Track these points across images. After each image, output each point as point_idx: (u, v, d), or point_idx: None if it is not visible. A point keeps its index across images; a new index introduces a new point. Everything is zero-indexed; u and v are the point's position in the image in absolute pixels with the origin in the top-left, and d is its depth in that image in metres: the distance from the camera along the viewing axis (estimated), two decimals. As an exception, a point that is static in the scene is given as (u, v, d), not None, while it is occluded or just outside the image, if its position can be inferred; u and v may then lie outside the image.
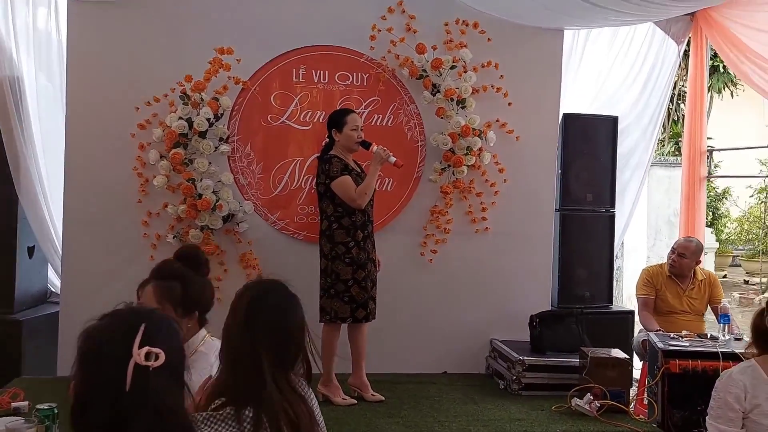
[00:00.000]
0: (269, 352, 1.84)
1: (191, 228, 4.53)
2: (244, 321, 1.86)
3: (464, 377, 4.77)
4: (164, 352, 1.36)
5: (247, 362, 1.81)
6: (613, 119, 5.38)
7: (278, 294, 1.94)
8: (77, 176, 4.56)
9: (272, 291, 1.94)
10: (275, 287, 1.95)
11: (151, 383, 1.34)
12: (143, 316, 1.41)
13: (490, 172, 4.89)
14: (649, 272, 4.97)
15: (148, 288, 2.52)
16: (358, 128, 4.20)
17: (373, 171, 4.15)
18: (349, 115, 4.23)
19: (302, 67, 4.73)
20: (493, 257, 4.95)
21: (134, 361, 1.33)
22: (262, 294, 1.92)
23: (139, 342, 1.35)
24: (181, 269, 2.58)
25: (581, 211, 5.30)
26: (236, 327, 1.85)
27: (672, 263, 4.86)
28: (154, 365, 1.35)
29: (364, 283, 4.13)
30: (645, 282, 4.91)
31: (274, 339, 1.86)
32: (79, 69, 4.54)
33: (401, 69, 4.75)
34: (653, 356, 4.02)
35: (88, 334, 1.39)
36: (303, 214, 4.74)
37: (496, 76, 4.85)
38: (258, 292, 1.93)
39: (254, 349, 1.83)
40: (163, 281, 2.52)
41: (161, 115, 4.55)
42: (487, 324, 4.93)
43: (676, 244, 4.96)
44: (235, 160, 4.68)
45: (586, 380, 4.03)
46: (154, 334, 1.38)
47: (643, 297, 4.89)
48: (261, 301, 1.90)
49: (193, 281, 2.58)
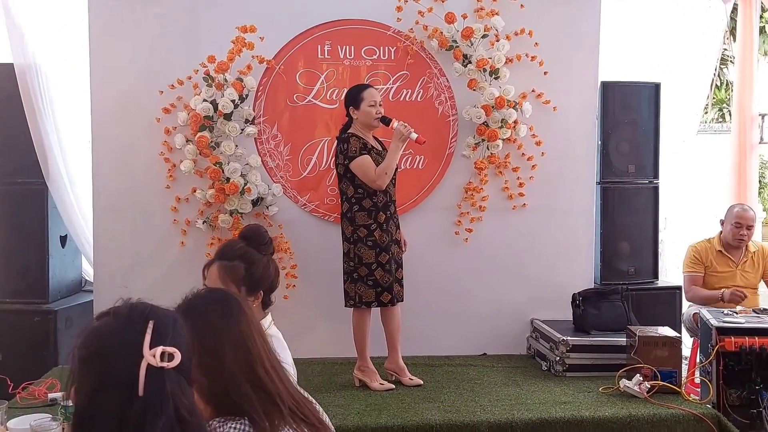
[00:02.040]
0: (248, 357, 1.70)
1: (220, 213, 4.44)
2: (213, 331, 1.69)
3: (505, 359, 4.62)
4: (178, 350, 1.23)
5: (238, 374, 1.65)
6: (655, 86, 5.12)
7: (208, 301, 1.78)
8: (105, 163, 4.51)
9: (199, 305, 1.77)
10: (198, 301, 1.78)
11: (168, 386, 1.21)
12: (149, 312, 1.27)
13: (527, 145, 4.69)
14: (697, 249, 4.73)
15: (212, 268, 2.51)
16: (377, 104, 4.01)
17: (394, 149, 3.97)
18: (366, 90, 4.04)
19: (327, 44, 4.57)
20: (531, 234, 4.76)
21: (146, 362, 1.20)
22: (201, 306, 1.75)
23: (150, 341, 1.22)
24: (245, 248, 2.55)
25: (623, 183, 5.08)
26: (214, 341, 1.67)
27: (740, 238, 4.61)
28: (169, 365, 1.22)
29: (389, 266, 3.99)
30: (693, 259, 4.68)
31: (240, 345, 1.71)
32: (101, 54, 4.46)
33: (430, 40, 4.56)
34: (706, 333, 3.81)
35: (90, 335, 1.25)
36: (333, 196, 4.59)
37: (530, 44, 4.62)
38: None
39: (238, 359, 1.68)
40: (227, 261, 2.48)
41: (186, 98, 4.44)
42: (527, 303, 4.76)
43: (738, 216, 4.69)
44: (262, 142, 4.55)
45: (635, 360, 3.85)
46: (164, 331, 1.25)
47: (691, 274, 4.67)
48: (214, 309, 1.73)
49: (256, 260, 2.57)
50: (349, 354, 4.20)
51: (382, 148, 4.10)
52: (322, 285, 4.58)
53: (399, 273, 4.10)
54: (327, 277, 4.54)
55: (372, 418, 3.55)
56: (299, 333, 4.62)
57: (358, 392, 3.97)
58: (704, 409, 3.59)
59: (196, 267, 4.42)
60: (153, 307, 1.29)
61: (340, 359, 4.44)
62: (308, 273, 4.60)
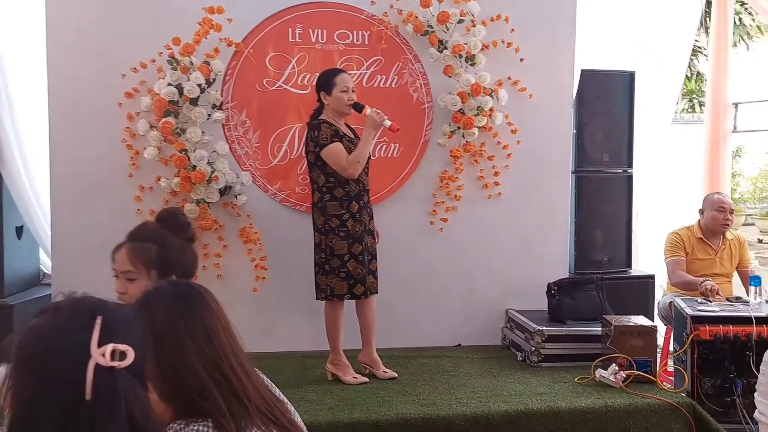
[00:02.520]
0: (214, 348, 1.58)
1: (186, 202, 4.28)
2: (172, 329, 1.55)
3: (480, 350, 4.55)
4: (130, 348, 1.11)
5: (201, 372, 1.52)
6: (629, 74, 5.08)
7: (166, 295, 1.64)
8: (62, 151, 4.30)
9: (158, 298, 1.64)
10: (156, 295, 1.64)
11: (119, 387, 1.09)
12: (97, 306, 1.14)
13: (503, 133, 4.61)
14: (678, 235, 4.72)
15: (121, 250, 2.31)
16: (349, 89, 3.88)
17: (367, 136, 3.84)
18: (339, 75, 3.91)
19: (299, 27, 4.43)
20: (507, 224, 4.69)
21: (95, 362, 1.08)
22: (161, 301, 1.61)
23: (98, 338, 1.09)
24: (158, 230, 2.36)
25: (597, 172, 5.04)
26: (169, 339, 1.54)
27: (725, 222, 4.60)
28: (121, 365, 1.10)
29: (362, 258, 3.88)
30: (675, 244, 4.66)
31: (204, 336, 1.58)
32: (59, 34, 4.24)
33: (405, 25, 4.44)
34: (680, 322, 3.78)
35: (29, 334, 1.12)
36: (304, 185, 4.46)
37: (506, 30, 4.54)
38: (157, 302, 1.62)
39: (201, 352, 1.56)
40: (138, 243, 2.30)
41: (149, 83, 4.26)
42: (502, 293, 4.70)
43: (720, 201, 4.68)
44: (230, 128, 4.40)
45: (611, 350, 3.81)
46: (114, 327, 1.12)
47: (675, 258, 4.65)
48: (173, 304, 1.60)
49: (170, 243, 2.36)
50: (321, 347, 4.09)
51: (354, 136, 3.98)
52: (293, 277, 4.46)
53: (373, 264, 4.00)
54: (298, 269, 4.42)
55: (345, 413, 3.45)
56: (269, 326, 4.52)
57: (331, 386, 3.86)
58: (679, 398, 3.57)
59: (162, 258, 4.38)
60: (101, 301, 1.16)
61: (313, 353, 4.33)
62: (278, 265, 4.48)
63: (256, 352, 4.32)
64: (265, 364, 4.10)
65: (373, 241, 4.02)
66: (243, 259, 4.44)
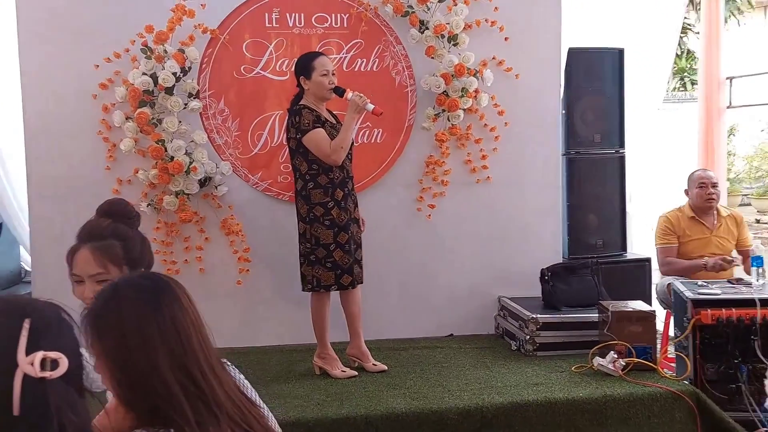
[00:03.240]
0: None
1: (165, 194, 4.13)
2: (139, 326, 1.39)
3: (472, 339, 4.42)
4: (64, 355, 0.97)
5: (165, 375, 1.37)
6: (619, 52, 4.93)
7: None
8: (38, 145, 4.16)
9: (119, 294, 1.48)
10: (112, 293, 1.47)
11: (52, 400, 0.95)
12: (25, 307, 1.00)
13: (489, 115, 4.47)
14: (668, 218, 4.58)
15: (81, 253, 2.11)
16: (330, 73, 3.73)
17: (349, 121, 3.70)
18: (318, 58, 3.76)
19: (275, 11, 4.27)
20: (496, 209, 4.55)
21: (22, 372, 0.94)
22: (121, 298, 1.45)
23: (26, 345, 0.95)
24: (114, 226, 2.18)
25: (589, 153, 4.90)
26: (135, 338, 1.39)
27: (709, 197, 4.47)
28: (53, 375, 0.95)
29: (348, 247, 3.74)
30: (665, 230, 4.52)
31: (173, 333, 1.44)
32: (30, 24, 4.09)
33: (384, 6, 4.29)
34: (680, 306, 3.65)
35: None
36: (287, 173, 4.31)
37: (489, 8, 4.39)
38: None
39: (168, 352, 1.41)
40: (98, 241, 2.12)
41: (124, 72, 4.11)
42: (494, 281, 4.56)
43: (699, 177, 4.56)
44: (208, 117, 4.25)
45: (608, 337, 3.68)
46: (45, 331, 0.98)
47: (665, 245, 4.51)
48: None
49: (129, 236, 2.19)
50: (308, 340, 3.96)
51: (336, 121, 3.84)
52: (277, 268, 4.33)
53: (359, 253, 3.87)
54: (283, 260, 4.29)
55: (333, 408, 3.32)
56: (255, 320, 4.39)
57: (319, 381, 3.73)
58: (682, 385, 3.44)
59: (142, 254, 4.23)
60: (31, 301, 1.02)
61: (300, 346, 4.19)
62: (262, 256, 4.34)
63: (242, 346, 4.26)
64: (251, 359, 4.08)
65: (359, 229, 3.90)
66: (226, 252, 4.30)
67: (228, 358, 4.29)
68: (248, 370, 3.83)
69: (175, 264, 4.24)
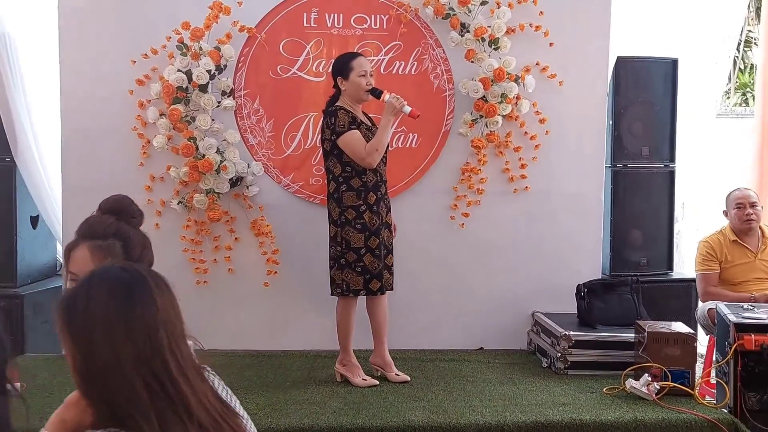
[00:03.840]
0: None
1: (197, 192, 4.12)
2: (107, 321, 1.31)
3: (503, 354, 4.26)
4: None
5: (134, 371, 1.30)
6: (672, 62, 4.71)
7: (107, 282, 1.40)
8: (74, 140, 4.21)
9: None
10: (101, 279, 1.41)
11: None
12: None
13: (530, 123, 4.31)
14: (709, 243, 4.28)
15: (78, 251, 2.03)
16: (367, 74, 3.66)
17: (385, 124, 3.62)
18: (356, 59, 3.69)
19: (314, 11, 4.22)
20: (534, 220, 4.39)
21: None
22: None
23: None
24: (116, 224, 2.11)
25: (636, 166, 4.68)
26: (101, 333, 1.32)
27: (748, 218, 4.18)
28: None
29: (378, 252, 3.65)
30: (706, 255, 4.23)
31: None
32: (71, 19, 4.15)
33: (425, 8, 4.19)
34: (723, 330, 3.43)
35: None
36: (319, 176, 4.26)
37: (534, 12, 4.24)
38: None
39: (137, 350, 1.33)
40: (101, 240, 2.05)
41: (161, 69, 4.12)
42: (529, 295, 4.39)
43: (737, 198, 4.28)
44: (242, 117, 4.23)
45: (643, 358, 3.48)
46: None
47: (705, 272, 4.22)
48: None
49: (132, 236, 2.12)
50: (333, 347, 3.87)
51: (372, 124, 3.76)
52: (306, 272, 4.27)
53: (389, 259, 3.77)
54: (311, 264, 4.23)
55: (348, 418, 3.22)
56: (280, 323, 4.33)
57: (338, 388, 3.64)
58: (719, 414, 3.21)
59: (172, 250, 4.22)
60: None
61: (324, 352, 4.11)
62: (291, 259, 4.28)
63: (266, 349, 4.20)
64: (274, 363, 4.02)
65: (390, 234, 3.80)
66: (255, 253, 4.26)
67: (251, 361, 4.26)
68: (269, 374, 3.83)
69: (204, 263, 4.22)
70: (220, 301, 4.27)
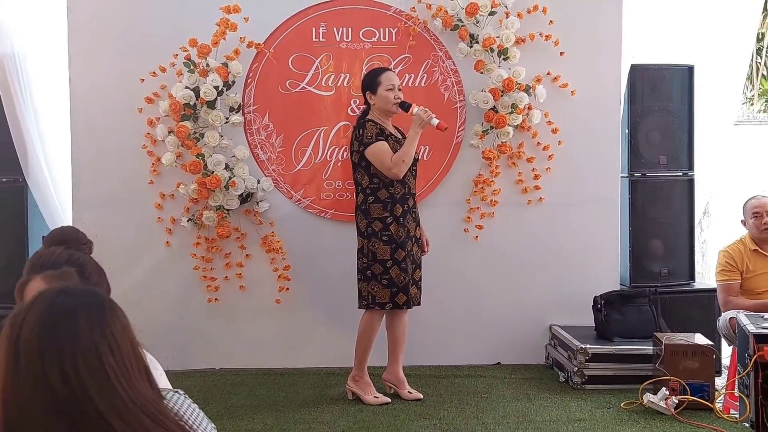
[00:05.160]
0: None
1: (206, 209, 4.11)
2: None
3: (520, 369, 4.18)
4: None
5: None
6: (688, 68, 4.62)
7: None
8: (84, 158, 4.22)
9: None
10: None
11: None
12: None
13: (542, 133, 4.25)
14: (729, 253, 4.13)
15: (34, 284, 1.88)
16: (395, 87, 3.67)
17: (413, 136, 3.61)
18: (384, 73, 3.71)
19: (322, 25, 4.21)
20: (549, 232, 4.31)
21: None
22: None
23: None
24: (66, 252, 2.02)
25: (654, 175, 4.58)
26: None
27: (766, 227, 4.04)
28: None
29: (404, 265, 3.62)
30: (726, 265, 4.08)
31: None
32: (80, 39, 4.18)
33: (433, 20, 4.16)
34: (743, 341, 3.32)
35: None
36: (330, 190, 4.23)
37: (544, 22, 4.19)
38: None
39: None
40: (54, 270, 1.95)
41: (170, 86, 4.12)
42: (546, 308, 4.31)
43: (753, 206, 4.12)
44: (252, 132, 4.21)
45: (661, 372, 3.39)
46: None
47: (726, 283, 4.08)
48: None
49: (85, 262, 2.03)
50: (347, 363, 3.83)
51: (401, 137, 3.75)
52: (318, 288, 4.24)
53: (417, 274, 3.75)
54: (324, 279, 4.21)
55: (358, 436, 3.16)
56: (293, 340, 4.29)
57: (349, 406, 3.58)
58: (740, 428, 3.12)
59: (183, 268, 4.21)
60: None
61: (337, 369, 4.07)
62: (303, 275, 4.24)
63: (279, 367, 4.15)
64: (286, 381, 3.97)
65: (419, 249, 3.78)
66: (266, 269, 4.22)
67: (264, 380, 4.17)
68: (280, 393, 3.78)
69: (215, 280, 4.20)
70: (232, 318, 4.25)
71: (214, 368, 4.23)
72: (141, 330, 1.25)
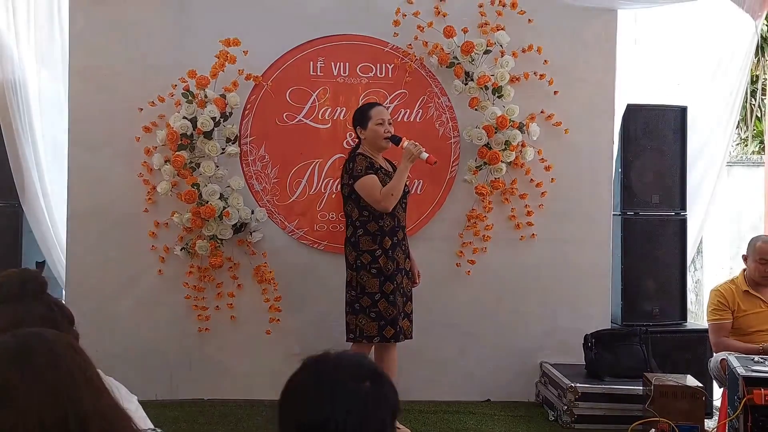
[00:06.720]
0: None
1: (200, 239, 4.12)
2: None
3: (510, 406, 4.17)
4: None
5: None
6: (681, 109, 4.69)
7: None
8: (80, 184, 4.25)
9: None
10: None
11: None
12: None
13: (535, 170, 4.29)
14: (721, 293, 4.12)
15: None
16: (385, 122, 3.70)
17: (403, 169, 3.64)
18: (374, 108, 3.75)
19: (320, 60, 4.27)
20: (541, 268, 4.33)
21: None
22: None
23: None
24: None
25: (647, 214, 4.61)
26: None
27: (764, 275, 4.02)
28: None
29: (393, 298, 3.62)
30: (717, 305, 4.08)
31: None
32: (81, 67, 4.23)
33: (430, 57, 4.22)
34: (733, 384, 3.31)
35: None
36: (323, 222, 4.25)
37: (539, 61, 4.25)
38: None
39: None
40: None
41: (168, 116, 4.16)
42: (537, 345, 4.33)
43: (761, 251, 4.11)
44: (248, 163, 4.25)
45: (651, 413, 3.37)
46: None
47: (717, 322, 4.06)
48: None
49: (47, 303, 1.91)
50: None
51: (392, 170, 3.77)
52: (308, 320, 4.23)
53: (408, 306, 3.76)
54: (314, 312, 4.21)
55: (344, 471, 3.12)
56: (282, 372, 4.18)
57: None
58: (729, 472, 3.09)
59: (175, 297, 4.21)
60: None
61: (326, 402, 4.03)
62: (294, 306, 4.24)
63: (267, 399, 4.11)
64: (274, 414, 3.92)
65: (409, 281, 3.78)
66: (257, 300, 4.22)
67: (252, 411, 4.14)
68: (268, 425, 3.74)
69: (206, 310, 4.19)
70: (222, 348, 4.24)
71: (202, 398, 4.21)
72: (132, 357, 1.24)
